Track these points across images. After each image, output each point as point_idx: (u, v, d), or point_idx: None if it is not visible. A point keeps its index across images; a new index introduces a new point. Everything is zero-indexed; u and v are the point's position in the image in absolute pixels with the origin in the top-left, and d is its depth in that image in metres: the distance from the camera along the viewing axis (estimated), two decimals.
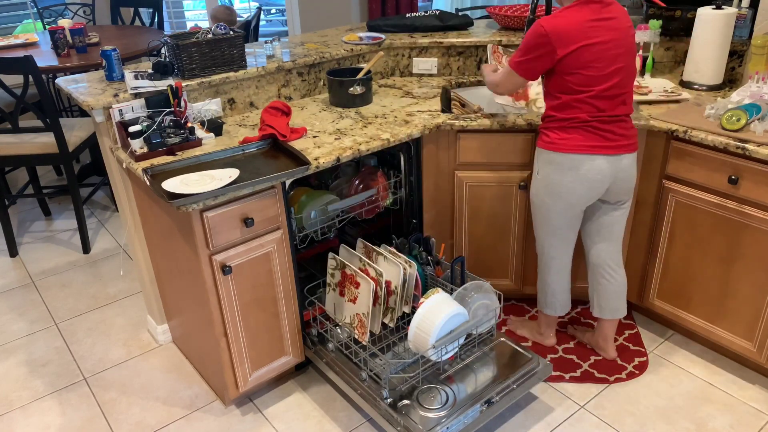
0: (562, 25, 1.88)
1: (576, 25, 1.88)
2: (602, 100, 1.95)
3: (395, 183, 2.48)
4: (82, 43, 3.55)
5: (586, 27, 1.89)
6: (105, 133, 2.20)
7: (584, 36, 1.88)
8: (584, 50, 1.89)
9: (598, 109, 1.96)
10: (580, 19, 1.89)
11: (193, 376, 2.47)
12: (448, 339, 1.98)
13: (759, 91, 2.18)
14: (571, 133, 2.00)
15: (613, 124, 1.99)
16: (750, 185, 2.05)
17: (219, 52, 2.33)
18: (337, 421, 2.22)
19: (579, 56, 1.89)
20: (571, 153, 2.01)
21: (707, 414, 2.19)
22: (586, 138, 1.99)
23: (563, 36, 1.88)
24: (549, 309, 2.38)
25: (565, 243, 2.22)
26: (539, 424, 2.18)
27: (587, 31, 1.89)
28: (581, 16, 1.89)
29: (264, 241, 2.03)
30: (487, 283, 2.21)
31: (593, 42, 1.89)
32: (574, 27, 1.88)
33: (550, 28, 1.89)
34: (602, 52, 1.90)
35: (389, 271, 2.18)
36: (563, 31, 1.88)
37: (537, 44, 1.92)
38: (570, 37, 1.88)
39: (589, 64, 1.90)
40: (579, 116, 1.97)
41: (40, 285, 3.11)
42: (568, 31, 1.88)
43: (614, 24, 1.92)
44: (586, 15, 1.89)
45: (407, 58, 2.88)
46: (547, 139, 2.05)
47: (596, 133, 1.99)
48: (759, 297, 2.15)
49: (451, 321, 1.99)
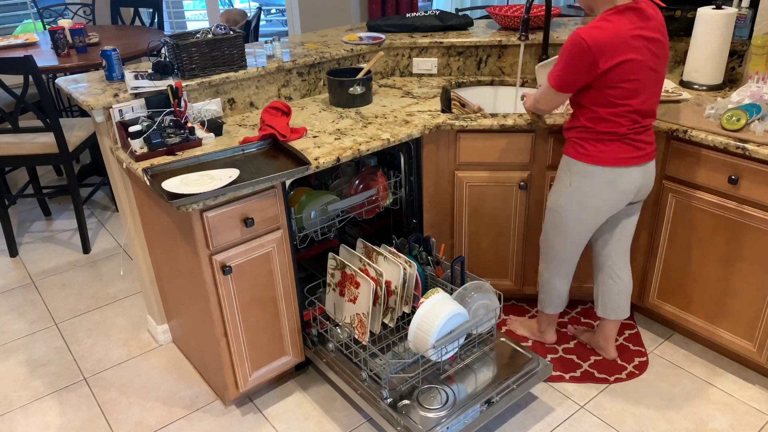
0: (603, 37, 1.79)
1: (617, 37, 1.79)
2: (639, 113, 1.91)
3: (395, 183, 2.48)
4: (82, 43, 3.55)
5: (628, 38, 1.81)
6: (105, 133, 2.20)
7: (626, 48, 1.80)
8: (626, 63, 1.82)
9: (634, 122, 1.92)
10: (621, 29, 1.80)
11: (193, 376, 2.47)
12: (448, 339, 1.98)
13: (759, 91, 2.18)
14: (609, 146, 1.94)
15: (645, 133, 1.97)
16: (750, 185, 2.05)
17: (219, 52, 2.33)
18: (337, 421, 2.22)
19: (621, 70, 1.82)
20: (609, 167, 1.96)
21: (707, 414, 2.19)
22: (624, 150, 1.94)
23: (605, 49, 1.79)
24: (551, 308, 2.37)
25: (580, 247, 2.19)
26: (539, 424, 2.18)
27: (629, 42, 1.81)
28: (621, 26, 1.80)
29: (264, 241, 2.03)
30: (487, 283, 2.21)
31: (635, 54, 1.82)
32: (616, 39, 1.79)
33: (592, 41, 1.78)
34: (642, 63, 1.84)
35: (389, 271, 2.18)
36: (605, 43, 1.79)
37: (578, 58, 1.82)
38: (612, 49, 1.79)
39: (630, 77, 1.83)
40: (617, 130, 1.91)
41: (40, 285, 3.11)
42: (610, 44, 1.79)
43: (653, 32, 1.86)
44: (626, 25, 1.81)
45: (407, 58, 2.88)
46: (583, 151, 1.98)
47: (632, 145, 1.95)
48: (759, 297, 2.15)
49: (451, 321, 1.99)
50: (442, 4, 6.22)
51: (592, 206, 2.04)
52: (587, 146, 1.98)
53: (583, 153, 1.99)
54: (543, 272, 2.32)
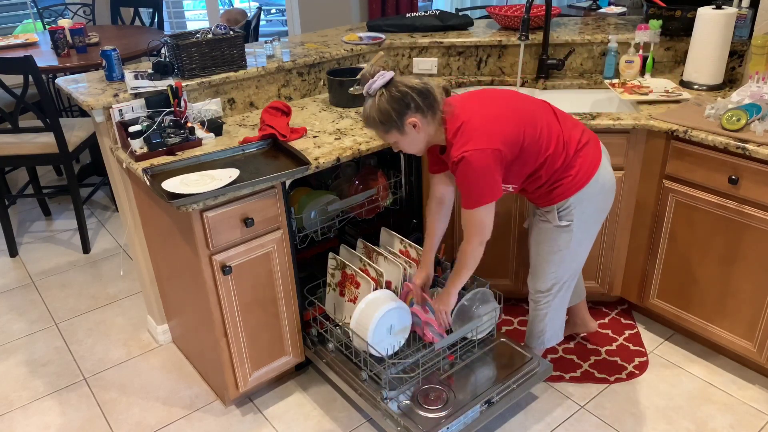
0: (473, 135, 1.76)
1: (479, 122, 1.78)
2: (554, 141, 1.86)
3: (395, 183, 2.48)
4: (82, 43, 3.55)
5: (485, 114, 1.80)
6: (105, 133, 2.20)
7: (492, 118, 1.79)
8: (507, 122, 1.80)
9: (562, 131, 1.88)
10: (474, 116, 1.78)
11: (193, 376, 2.47)
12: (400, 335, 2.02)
13: (759, 91, 2.18)
14: (577, 163, 1.88)
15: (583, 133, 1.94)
16: (750, 185, 2.05)
17: (219, 52, 2.33)
18: (337, 421, 2.22)
19: (509, 128, 1.79)
20: (589, 178, 1.90)
21: (707, 414, 2.19)
22: (587, 154, 1.90)
23: (485, 137, 1.76)
24: (555, 340, 2.25)
25: None
26: (539, 424, 2.18)
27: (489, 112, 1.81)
28: (470, 114, 1.79)
29: (264, 241, 2.03)
30: (487, 284, 2.21)
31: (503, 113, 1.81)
32: (482, 124, 1.78)
33: (472, 145, 1.75)
34: (512, 110, 1.83)
35: (389, 271, 2.18)
36: (480, 135, 1.76)
37: (479, 163, 1.75)
38: (489, 131, 1.77)
39: (521, 124, 1.81)
40: (569, 148, 1.88)
41: (40, 285, 3.11)
42: (482, 131, 1.77)
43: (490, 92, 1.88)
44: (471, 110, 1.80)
45: (407, 58, 2.88)
46: (563, 188, 1.90)
47: (587, 145, 1.91)
48: (759, 297, 2.15)
49: (388, 318, 2.02)
50: (442, 4, 6.22)
51: (597, 220, 2.02)
52: (564, 181, 1.90)
53: (565, 190, 1.91)
54: (546, 310, 2.16)
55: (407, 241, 2.28)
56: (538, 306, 2.17)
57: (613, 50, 2.64)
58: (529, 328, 2.25)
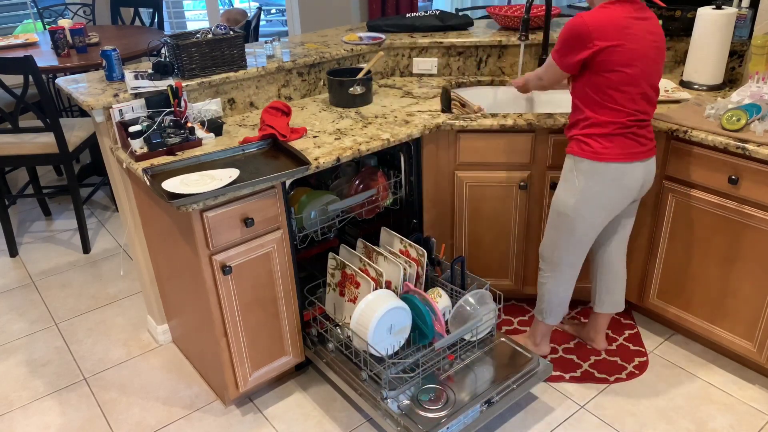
0: (601, 18, 1.86)
1: (615, 20, 1.86)
2: (641, 102, 1.93)
3: (395, 183, 2.48)
4: (82, 43, 3.55)
5: (626, 23, 1.86)
6: (105, 133, 2.20)
7: (624, 31, 1.86)
8: (623, 48, 1.86)
9: (637, 112, 1.93)
10: (619, 16, 1.87)
11: (193, 376, 2.47)
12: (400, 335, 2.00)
13: (759, 91, 2.18)
14: (614, 141, 1.94)
15: (646, 128, 1.98)
16: (750, 185, 2.05)
17: (219, 52, 2.33)
18: (337, 421, 2.22)
19: (618, 53, 1.86)
20: (616, 162, 1.96)
21: (707, 414, 2.19)
22: (628, 145, 1.95)
23: (602, 28, 1.85)
24: (552, 318, 2.31)
25: (587, 250, 2.17)
26: (539, 424, 2.18)
27: (628, 27, 1.86)
28: (619, 13, 1.87)
29: (264, 241, 2.03)
30: (486, 284, 2.21)
31: (632, 40, 1.86)
32: (614, 21, 1.86)
33: (590, 20, 1.86)
34: (639, 51, 1.87)
35: (389, 271, 2.18)
36: (602, 24, 1.85)
37: (576, 36, 1.88)
38: (610, 30, 1.85)
39: (627, 62, 1.87)
40: (620, 121, 1.92)
41: (40, 285, 3.11)
42: (608, 25, 1.85)
43: (650, 25, 1.90)
44: (624, 13, 1.87)
45: (407, 58, 2.88)
46: (589, 148, 1.97)
47: (635, 140, 1.95)
48: (759, 297, 2.15)
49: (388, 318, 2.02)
50: (442, 4, 6.22)
51: (601, 205, 2.03)
52: (593, 143, 1.97)
53: (589, 150, 1.98)
54: (546, 281, 2.25)
55: (407, 241, 2.28)
56: (540, 273, 2.28)
57: None
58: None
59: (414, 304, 2.10)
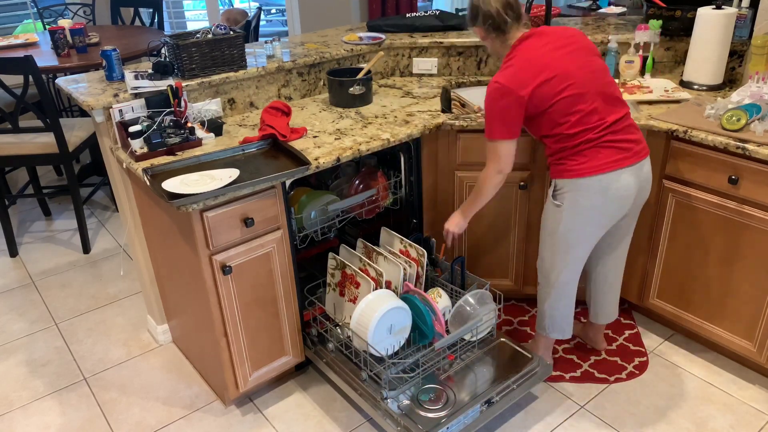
0: (512, 72, 1.86)
1: (526, 64, 1.86)
2: (598, 110, 1.88)
3: (395, 183, 2.48)
4: (82, 43, 3.55)
5: (533, 55, 1.86)
6: (105, 133, 2.20)
7: (541, 68, 1.85)
8: (548, 81, 1.84)
9: (600, 121, 1.88)
10: (527, 57, 1.87)
11: (193, 376, 2.47)
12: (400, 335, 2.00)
13: (759, 91, 2.18)
14: (588, 155, 1.90)
15: (622, 131, 1.91)
16: (750, 185, 2.05)
17: (219, 52, 2.33)
18: (337, 421, 2.22)
19: (547, 88, 1.85)
20: (597, 174, 1.90)
21: (707, 414, 2.19)
22: (605, 155, 1.89)
23: (519, 79, 1.85)
24: (558, 333, 2.26)
25: (582, 265, 2.14)
26: (539, 424, 2.18)
27: (539, 58, 1.86)
28: (526, 54, 1.87)
29: (264, 241, 2.03)
30: (486, 285, 2.21)
31: (552, 68, 1.85)
32: (525, 66, 1.85)
33: (504, 79, 1.85)
34: (566, 71, 1.85)
35: (389, 271, 2.18)
36: (516, 76, 1.85)
37: (501, 99, 1.87)
38: (526, 77, 1.85)
39: (562, 86, 1.85)
40: (588, 137, 1.88)
41: (40, 285, 3.11)
42: (521, 74, 1.85)
43: (560, 41, 1.90)
44: (531, 51, 1.87)
45: (407, 58, 2.88)
46: (565, 168, 1.94)
47: (612, 147, 1.89)
48: (759, 297, 2.15)
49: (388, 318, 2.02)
50: (442, 4, 6.22)
51: (591, 220, 1.98)
52: (568, 163, 1.93)
53: (566, 170, 1.94)
54: (546, 299, 2.21)
55: (407, 241, 2.28)
56: (539, 288, 2.24)
57: (613, 50, 2.64)
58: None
59: (414, 304, 2.10)
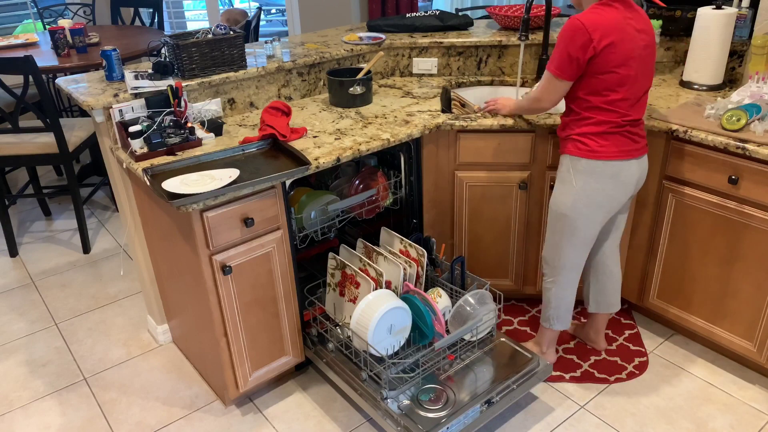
0: (596, 19, 1.85)
1: (609, 20, 1.85)
2: (634, 102, 1.93)
3: (395, 183, 2.48)
4: (82, 43, 3.55)
5: (620, 24, 1.86)
6: (105, 133, 2.20)
7: (618, 32, 1.85)
8: (618, 46, 1.85)
9: (630, 111, 1.93)
10: (611, 16, 1.86)
11: (193, 376, 2.47)
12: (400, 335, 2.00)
13: (759, 91, 2.18)
14: (609, 140, 1.95)
15: (638, 126, 1.99)
16: (750, 185, 2.05)
17: (219, 52, 2.33)
18: (337, 421, 2.22)
19: (614, 52, 1.85)
20: (612, 160, 1.96)
21: (707, 414, 2.19)
22: (623, 143, 1.96)
23: (599, 28, 1.83)
24: (560, 324, 2.28)
25: (586, 252, 2.16)
26: (539, 424, 2.18)
27: (620, 28, 1.86)
28: (611, 14, 1.86)
29: (264, 241, 2.03)
30: (486, 284, 2.21)
31: (626, 39, 1.86)
32: (608, 22, 1.85)
33: (587, 21, 1.84)
34: (633, 50, 1.87)
35: (389, 271, 2.18)
36: (599, 24, 1.84)
37: (575, 38, 1.85)
38: (605, 30, 1.84)
39: (625, 62, 1.87)
40: (614, 120, 1.92)
41: (40, 285, 3.11)
42: (603, 25, 1.84)
43: (641, 24, 1.91)
44: (615, 14, 1.87)
45: (407, 58, 2.88)
46: (585, 148, 1.97)
47: (629, 137, 1.96)
48: (759, 297, 2.15)
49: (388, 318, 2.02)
50: (442, 4, 6.22)
51: (600, 203, 2.03)
52: (589, 142, 1.97)
53: (586, 150, 1.98)
54: (552, 287, 2.22)
55: (407, 240, 2.28)
56: (544, 279, 2.26)
57: None
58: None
59: (414, 304, 2.10)
